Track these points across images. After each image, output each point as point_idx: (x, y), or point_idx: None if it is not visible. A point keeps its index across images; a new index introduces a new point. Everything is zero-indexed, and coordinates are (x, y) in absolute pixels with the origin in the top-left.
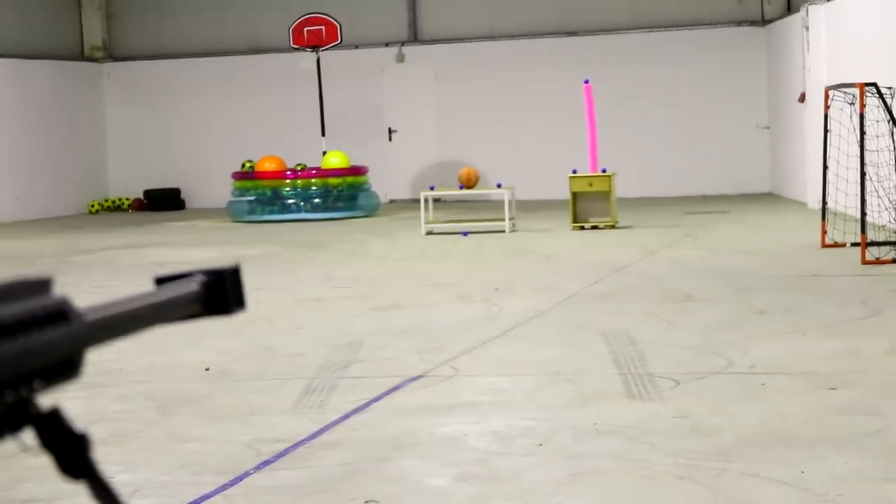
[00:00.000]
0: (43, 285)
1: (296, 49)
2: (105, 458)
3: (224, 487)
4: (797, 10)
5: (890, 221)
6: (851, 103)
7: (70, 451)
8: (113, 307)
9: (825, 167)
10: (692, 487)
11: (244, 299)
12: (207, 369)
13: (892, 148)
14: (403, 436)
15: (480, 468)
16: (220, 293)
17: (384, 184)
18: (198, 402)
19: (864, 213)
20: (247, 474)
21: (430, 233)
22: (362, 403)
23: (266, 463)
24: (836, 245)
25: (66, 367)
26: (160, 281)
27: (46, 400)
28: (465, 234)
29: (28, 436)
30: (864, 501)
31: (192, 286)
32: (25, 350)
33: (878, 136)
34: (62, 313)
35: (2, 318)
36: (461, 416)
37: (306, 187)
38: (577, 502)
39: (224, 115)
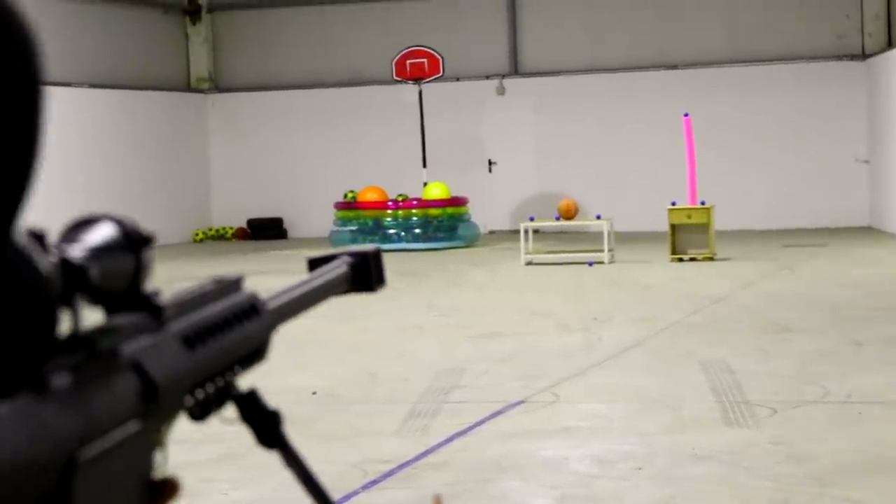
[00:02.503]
0: (236, 284)
1: (398, 81)
2: (217, 477)
3: None
4: None
5: None
6: None
7: (265, 425)
8: (286, 293)
9: None
10: None
11: (385, 278)
12: (314, 393)
13: None
14: (506, 458)
15: (581, 490)
16: (366, 273)
17: (484, 215)
18: (305, 424)
19: None
20: (355, 493)
21: (529, 263)
22: (465, 427)
23: (373, 483)
24: None
25: (257, 353)
26: (312, 261)
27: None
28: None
29: (230, 412)
30: None
31: (343, 268)
32: (233, 343)
33: None
34: (254, 307)
35: (216, 317)
36: (562, 440)
37: (407, 217)
38: None
39: (326, 145)
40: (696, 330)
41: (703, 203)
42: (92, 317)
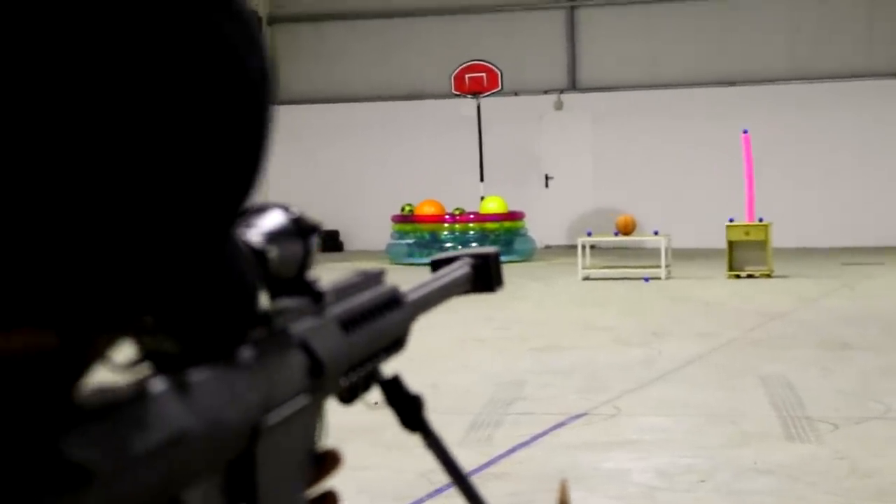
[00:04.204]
0: (379, 276)
1: (457, 95)
2: None
3: None
4: None
5: None
6: None
7: (408, 408)
8: (419, 289)
9: None
10: None
11: (503, 279)
12: (376, 403)
13: None
14: (569, 469)
15: (645, 501)
16: (486, 274)
17: (540, 229)
18: (371, 434)
19: None
20: (420, 501)
21: (586, 278)
22: (528, 438)
23: (438, 491)
24: None
25: (398, 342)
26: (435, 262)
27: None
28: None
29: (376, 396)
30: None
31: (466, 268)
32: (380, 331)
33: None
34: (397, 299)
35: (367, 305)
36: (624, 452)
37: (464, 231)
38: None
39: (384, 158)
40: (756, 346)
41: (761, 220)
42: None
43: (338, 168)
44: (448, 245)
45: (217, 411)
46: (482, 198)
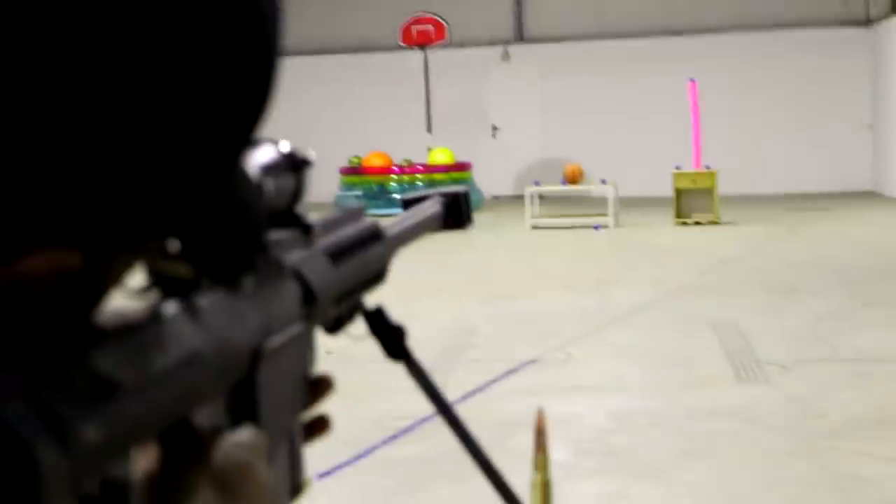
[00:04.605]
0: (360, 212)
1: (404, 48)
2: None
3: (355, 459)
4: None
5: None
6: None
7: (391, 338)
8: (396, 226)
9: None
10: (802, 464)
11: (472, 217)
12: (329, 352)
13: None
14: (523, 414)
15: (599, 444)
16: (457, 211)
17: (488, 180)
18: None
19: None
20: (375, 447)
21: (535, 227)
22: (481, 384)
23: (392, 438)
24: None
25: (379, 275)
26: (406, 201)
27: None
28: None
29: (360, 327)
30: None
31: (437, 206)
32: (365, 263)
33: None
34: (378, 233)
35: (353, 238)
36: (577, 397)
37: (412, 183)
38: (693, 476)
39: (332, 111)
40: (705, 291)
41: (707, 167)
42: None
43: (285, 121)
44: (396, 196)
45: (225, 334)
46: (430, 149)
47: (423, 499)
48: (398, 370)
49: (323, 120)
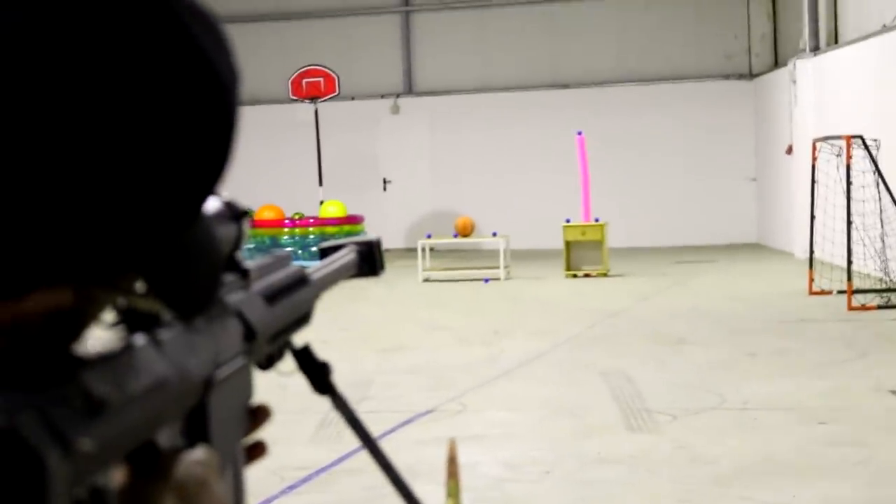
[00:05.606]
0: (288, 259)
1: (294, 100)
2: None
3: None
4: (784, 65)
5: (875, 269)
6: (838, 155)
7: (318, 374)
8: (318, 272)
9: (812, 217)
10: None
11: (385, 264)
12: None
13: (877, 198)
14: (419, 464)
15: (495, 493)
16: (371, 259)
17: (379, 232)
18: None
19: (850, 262)
20: (274, 498)
21: (427, 280)
22: (378, 435)
23: (291, 488)
24: (822, 293)
25: (306, 316)
26: (323, 250)
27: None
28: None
29: (288, 364)
30: None
31: (352, 255)
32: (295, 306)
33: (863, 187)
34: (305, 278)
35: (284, 282)
36: (472, 446)
37: (304, 236)
38: None
39: None
40: (595, 342)
41: (597, 220)
42: None
43: None
44: (288, 249)
45: (185, 365)
46: (321, 202)
47: None
48: (297, 420)
49: None
